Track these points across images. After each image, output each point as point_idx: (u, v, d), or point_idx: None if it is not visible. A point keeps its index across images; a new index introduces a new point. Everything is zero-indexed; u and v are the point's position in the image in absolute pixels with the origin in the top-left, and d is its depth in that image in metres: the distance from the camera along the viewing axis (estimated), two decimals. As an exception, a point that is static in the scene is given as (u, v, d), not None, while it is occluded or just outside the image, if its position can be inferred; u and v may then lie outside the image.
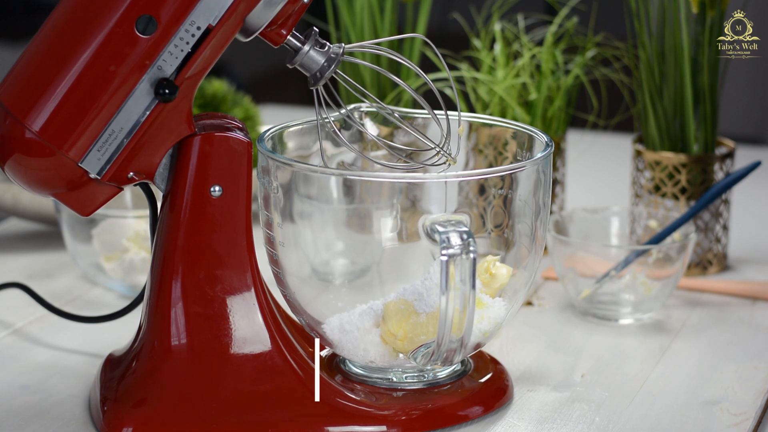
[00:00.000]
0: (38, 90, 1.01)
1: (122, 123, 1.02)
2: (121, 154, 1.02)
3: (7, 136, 1.01)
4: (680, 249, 1.29)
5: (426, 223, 1.01)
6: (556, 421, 1.10)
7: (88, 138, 1.01)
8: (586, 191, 1.67)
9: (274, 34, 1.05)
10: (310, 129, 1.16)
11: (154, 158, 1.04)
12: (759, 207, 1.65)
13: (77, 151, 1.01)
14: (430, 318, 1.06)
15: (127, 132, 1.02)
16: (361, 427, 1.06)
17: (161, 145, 1.04)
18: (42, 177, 1.02)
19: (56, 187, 1.03)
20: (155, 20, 1.00)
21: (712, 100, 1.41)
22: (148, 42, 1.00)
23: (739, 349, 1.25)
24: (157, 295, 1.06)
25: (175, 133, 1.04)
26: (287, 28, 1.05)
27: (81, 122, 1.01)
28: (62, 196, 1.04)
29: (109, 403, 1.07)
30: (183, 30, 1.01)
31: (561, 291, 1.37)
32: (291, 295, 1.09)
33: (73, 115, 1.01)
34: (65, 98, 1.00)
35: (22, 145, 1.01)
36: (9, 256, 1.48)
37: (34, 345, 1.24)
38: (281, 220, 1.07)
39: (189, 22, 1.01)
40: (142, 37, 1.00)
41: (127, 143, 1.02)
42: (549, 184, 1.09)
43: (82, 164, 1.02)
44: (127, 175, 1.04)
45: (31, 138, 1.00)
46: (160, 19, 1.00)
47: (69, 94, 1.00)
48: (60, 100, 1.00)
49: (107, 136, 1.02)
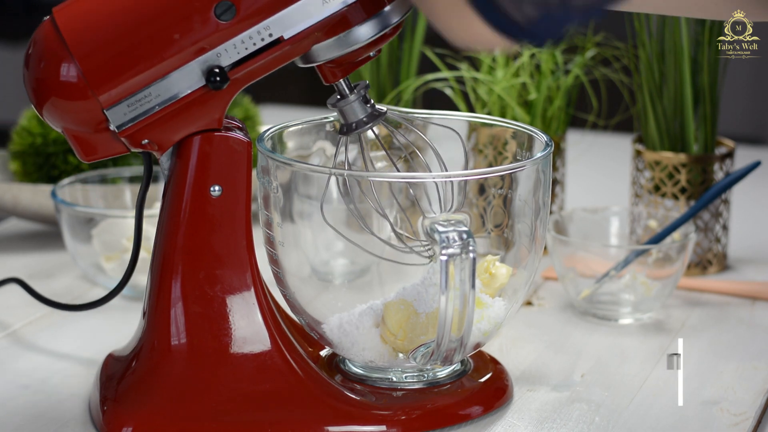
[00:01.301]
0: (97, 25, 1.00)
1: (161, 90, 1.01)
2: (147, 119, 1.02)
3: (49, 58, 1.01)
4: (680, 249, 1.29)
5: (426, 223, 1.01)
6: (556, 421, 1.10)
7: (125, 90, 1.01)
8: (586, 191, 1.67)
9: (330, 72, 1.05)
10: (309, 129, 1.16)
11: (174, 136, 1.04)
12: (759, 207, 1.65)
13: (109, 98, 1.01)
14: (430, 318, 1.06)
15: (162, 100, 1.02)
16: (361, 427, 1.06)
17: (187, 127, 1.04)
18: (63, 107, 1.01)
19: (71, 123, 1.02)
20: (234, 10, 1.00)
21: (712, 100, 1.41)
22: (219, 27, 1.00)
23: (739, 349, 1.25)
24: (157, 295, 1.06)
25: (204, 121, 1.04)
26: (343, 72, 1.05)
27: (125, 73, 1.01)
28: (72, 132, 1.03)
29: (109, 403, 1.07)
30: (255, 30, 1.01)
31: (561, 291, 1.37)
32: (291, 295, 1.09)
33: (121, 64, 1.00)
34: (120, 45, 1.00)
35: (58, 77, 1.01)
36: (9, 256, 1.48)
37: (34, 345, 1.24)
38: (281, 220, 1.07)
39: (264, 25, 1.01)
40: (217, 20, 1.00)
41: (157, 111, 1.02)
42: (549, 184, 1.09)
43: (107, 112, 1.01)
44: (142, 140, 1.03)
45: (72, 68, 1.00)
46: (239, 10, 1.00)
47: (125, 43, 1.00)
48: (114, 44, 1.00)
49: (142, 97, 1.01)
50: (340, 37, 1.02)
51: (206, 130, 1.04)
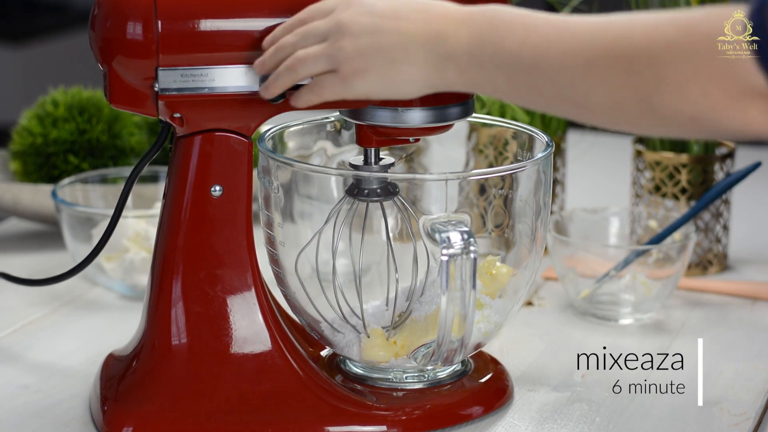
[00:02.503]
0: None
1: (218, 76, 1.02)
2: (191, 96, 1.02)
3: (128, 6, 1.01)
4: (680, 249, 1.29)
5: (426, 223, 1.01)
6: (557, 421, 1.10)
7: (186, 60, 1.01)
8: (587, 191, 1.67)
9: (367, 136, 1.05)
10: (310, 129, 1.16)
11: (206, 123, 1.04)
12: (759, 207, 1.65)
13: (168, 60, 1.01)
14: (429, 321, 1.07)
15: (214, 86, 1.02)
16: (361, 427, 1.06)
17: (223, 120, 1.04)
18: (126, 55, 1.02)
19: (123, 66, 1.02)
20: None
21: (713, 101, 1.40)
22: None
23: (739, 349, 1.25)
24: (158, 294, 1.06)
25: (240, 123, 1.04)
26: (379, 143, 1.05)
27: (196, 46, 1.01)
28: (114, 73, 1.02)
29: (109, 403, 1.07)
30: None
31: (561, 291, 1.37)
32: (291, 295, 1.09)
33: (197, 35, 1.01)
34: (203, 21, 1.01)
35: (125, 34, 1.01)
36: (9, 256, 1.48)
37: (34, 345, 1.24)
38: (282, 220, 1.07)
39: None
40: None
41: (205, 93, 1.02)
42: (549, 184, 1.09)
43: (159, 70, 1.01)
44: (175, 112, 1.03)
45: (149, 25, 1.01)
46: None
47: (208, 21, 1.01)
48: (198, 20, 1.01)
49: (199, 74, 1.02)
50: (398, 111, 1.02)
51: (236, 132, 1.04)
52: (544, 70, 0.90)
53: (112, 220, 1.08)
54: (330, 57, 0.96)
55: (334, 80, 0.97)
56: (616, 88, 0.87)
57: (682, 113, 0.85)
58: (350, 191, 1.06)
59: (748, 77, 0.81)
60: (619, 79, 0.86)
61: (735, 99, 0.82)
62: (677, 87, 0.84)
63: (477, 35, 0.93)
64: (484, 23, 0.93)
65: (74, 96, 1.52)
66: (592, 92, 0.88)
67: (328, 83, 0.98)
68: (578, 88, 0.89)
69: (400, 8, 0.96)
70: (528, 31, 0.91)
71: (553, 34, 0.90)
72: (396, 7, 0.96)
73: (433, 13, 0.95)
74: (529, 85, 0.91)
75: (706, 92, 0.83)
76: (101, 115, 1.51)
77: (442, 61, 0.94)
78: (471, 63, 0.93)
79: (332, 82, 0.97)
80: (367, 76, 0.96)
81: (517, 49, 0.91)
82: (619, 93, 0.87)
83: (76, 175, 1.44)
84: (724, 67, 0.82)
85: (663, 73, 0.84)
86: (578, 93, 0.89)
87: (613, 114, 0.88)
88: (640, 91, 0.86)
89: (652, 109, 0.86)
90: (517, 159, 1.15)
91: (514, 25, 0.92)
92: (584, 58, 0.88)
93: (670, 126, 0.86)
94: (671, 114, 0.85)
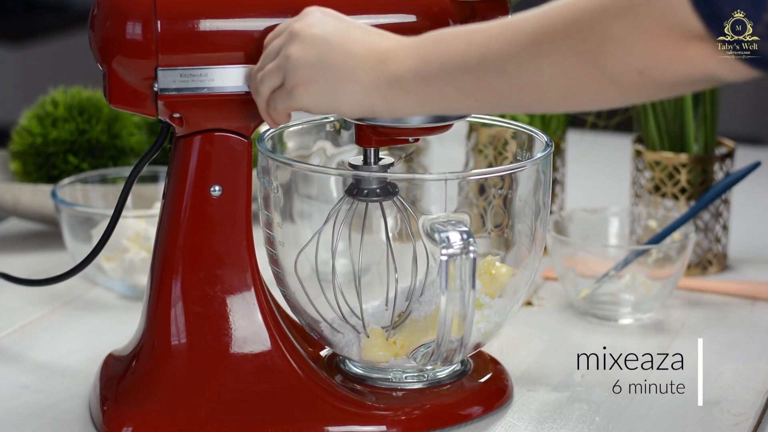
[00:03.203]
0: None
1: (218, 76, 1.02)
2: (191, 96, 1.02)
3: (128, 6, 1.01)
4: (680, 249, 1.29)
5: (426, 223, 1.01)
6: (556, 421, 1.10)
7: (185, 60, 1.02)
8: (586, 191, 1.67)
9: (367, 136, 1.05)
10: (309, 129, 1.16)
11: (205, 122, 1.04)
12: (759, 207, 1.65)
13: (167, 60, 1.01)
14: (428, 321, 1.07)
15: (214, 86, 1.02)
16: (361, 427, 1.06)
17: (222, 120, 1.04)
18: (125, 55, 1.02)
19: (123, 66, 1.02)
20: None
21: (712, 100, 1.41)
22: None
23: (739, 349, 1.25)
24: (157, 294, 1.06)
25: (239, 123, 1.04)
26: (379, 143, 1.05)
27: (195, 46, 1.01)
28: (114, 73, 1.02)
29: (109, 403, 1.07)
30: None
31: (561, 291, 1.37)
32: (291, 295, 1.10)
33: (197, 35, 1.01)
34: (202, 21, 1.01)
35: (124, 34, 1.01)
36: (9, 256, 1.48)
37: (34, 345, 1.24)
38: (281, 220, 1.07)
39: None
40: None
41: (204, 93, 1.02)
42: (549, 184, 1.09)
43: (158, 70, 1.01)
44: (174, 112, 1.03)
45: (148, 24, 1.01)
46: None
47: (208, 21, 1.01)
48: (198, 20, 1.01)
49: (198, 74, 1.02)
50: None
51: (235, 132, 1.04)
52: (492, 63, 0.91)
53: (111, 220, 1.09)
54: (280, 68, 0.98)
55: (281, 92, 0.98)
56: (563, 59, 0.88)
57: (630, 68, 0.86)
58: (350, 191, 1.06)
59: (685, 21, 0.83)
60: (565, 50, 0.88)
61: (677, 44, 0.84)
62: (621, 42, 0.86)
63: (422, 54, 0.94)
64: (428, 42, 0.94)
65: (74, 96, 1.52)
66: (540, 72, 0.89)
67: (278, 95, 0.99)
68: (527, 71, 0.90)
69: (350, 29, 0.97)
70: (472, 33, 0.92)
71: (497, 28, 0.91)
72: (346, 27, 0.97)
73: (380, 37, 0.97)
74: (479, 85, 0.92)
75: (649, 41, 0.85)
76: (101, 115, 1.51)
77: (386, 84, 0.95)
78: (416, 81, 0.94)
79: (280, 94, 0.99)
80: (310, 89, 0.97)
81: (463, 51, 0.92)
82: (566, 62, 0.88)
83: (76, 175, 1.44)
84: (663, 15, 0.84)
85: (606, 31, 0.86)
86: (527, 77, 0.90)
87: (565, 89, 0.89)
88: (586, 55, 0.87)
89: (600, 70, 0.87)
90: (516, 159, 1.15)
91: (458, 34, 0.93)
92: (529, 41, 0.89)
93: (620, 86, 0.88)
94: (619, 71, 0.86)
